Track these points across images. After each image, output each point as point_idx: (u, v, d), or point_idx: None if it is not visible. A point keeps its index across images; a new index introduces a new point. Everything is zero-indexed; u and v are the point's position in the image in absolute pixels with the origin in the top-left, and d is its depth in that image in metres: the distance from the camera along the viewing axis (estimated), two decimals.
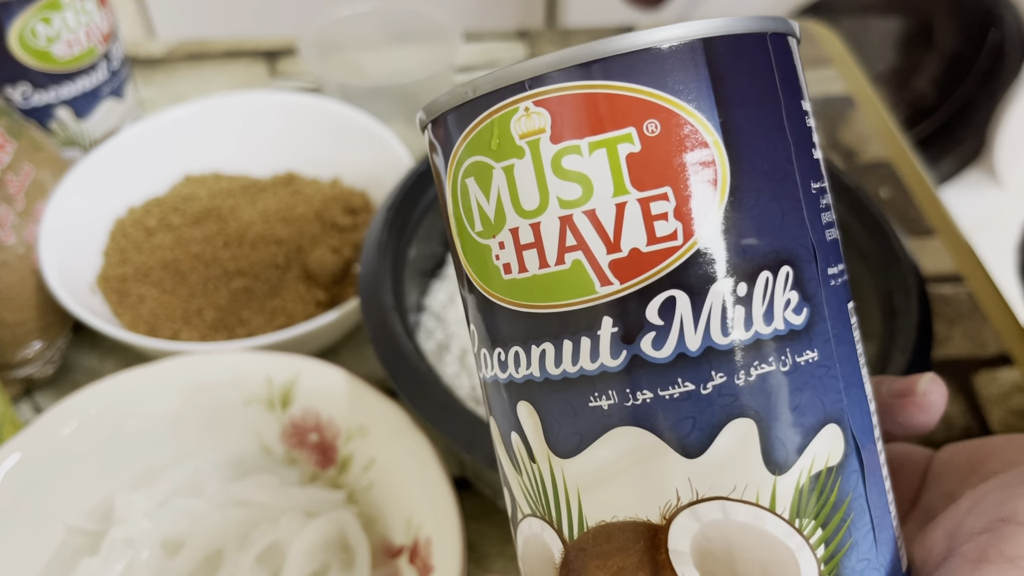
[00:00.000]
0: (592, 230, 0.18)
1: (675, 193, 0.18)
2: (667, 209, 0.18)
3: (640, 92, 0.17)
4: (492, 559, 0.42)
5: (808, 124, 0.19)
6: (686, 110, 0.17)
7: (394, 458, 0.39)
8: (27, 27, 0.50)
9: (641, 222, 0.18)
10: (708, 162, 0.18)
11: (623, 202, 0.18)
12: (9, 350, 0.47)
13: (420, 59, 0.62)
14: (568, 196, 0.18)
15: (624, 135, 0.17)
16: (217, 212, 0.54)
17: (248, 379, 0.41)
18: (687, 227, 0.18)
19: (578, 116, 0.18)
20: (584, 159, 0.18)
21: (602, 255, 0.18)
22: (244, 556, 0.38)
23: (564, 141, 0.18)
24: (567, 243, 0.18)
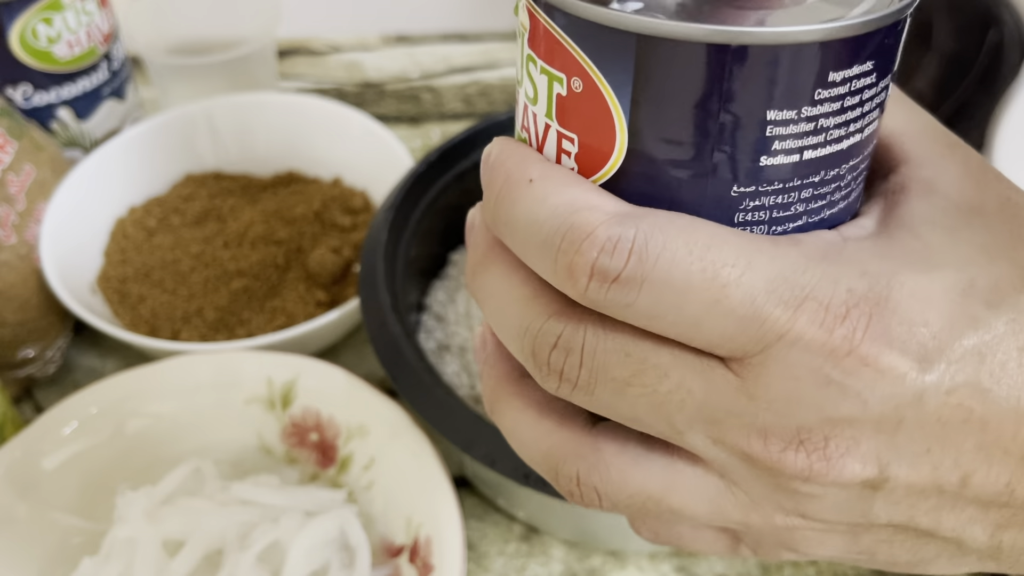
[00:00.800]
0: (533, 126, 0.21)
1: (579, 142, 0.20)
2: (571, 150, 0.20)
3: (576, 53, 0.19)
4: (492, 559, 0.42)
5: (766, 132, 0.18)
6: (604, 86, 0.19)
7: (394, 458, 0.39)
8: (28, 27, 0.50)
9: (555, 148, 0.21)
10: (608, 136, 0.19)
11: (548, 124, 0.20)
12: (10, 349, 0.47)
13: (243, 33, 0.62)
14: (528, 90, 0.21)
15: (559, 77, 0.20)
16: (217, 212, 0.54)
17: (248, 379, 0.41)
18: (580, 171, 0.20)
19: (539, 38, 0.20)
20: (537, 73, 0.20)
21: (535, 146, 0.21)
22: (244, 555, 0.38)
23: (531, 50, 0.20)
24: (524, 123, 0.22)
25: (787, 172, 0.19)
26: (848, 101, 0.19)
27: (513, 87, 0.70)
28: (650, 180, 0.20)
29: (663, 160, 0.19)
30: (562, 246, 0.19)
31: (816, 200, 0.20)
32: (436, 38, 0.75)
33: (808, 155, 0.19)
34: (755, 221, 0.20)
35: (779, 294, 0.18)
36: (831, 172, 0.20)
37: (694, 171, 0.19)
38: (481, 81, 0.71)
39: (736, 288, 0.18)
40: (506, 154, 0.21)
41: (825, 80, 0.18)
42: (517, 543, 0.43)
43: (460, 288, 0.47)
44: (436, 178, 0.47)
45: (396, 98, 0.69)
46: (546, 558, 0.42)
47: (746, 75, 0.18)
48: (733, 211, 0.19)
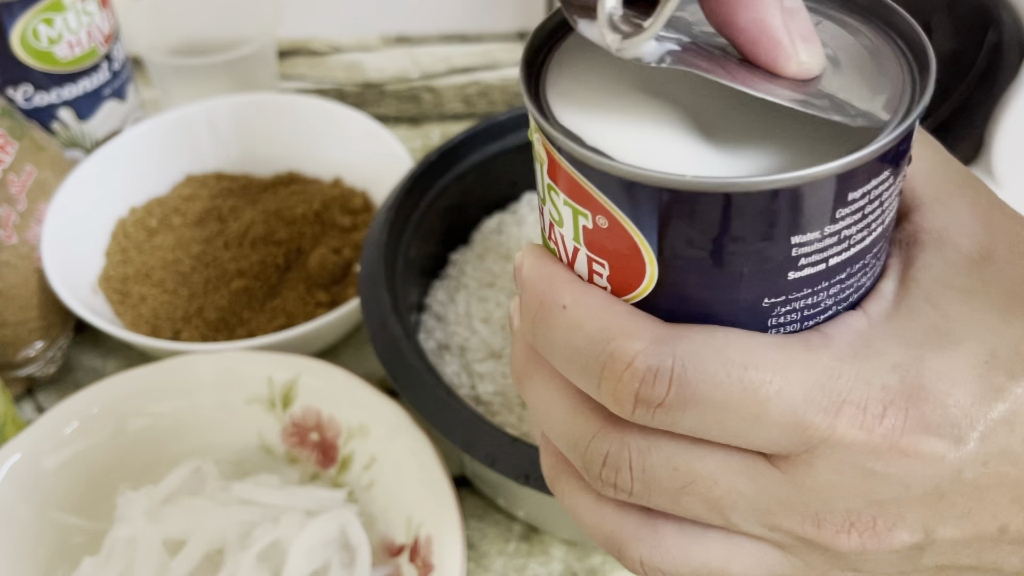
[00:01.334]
0: (561, 244, 0.22)
1: (610, 268, 0.21)
2: (603, 273, 0.21)
3: (599, 197, 0.19)
4: (492, 558, 0.42)
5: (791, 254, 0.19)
6: (630, 226, 0.19)
7: (394, 457, 0.39)
8: (29, 28, 0.50)
9: (586, 268, 0.21)
10: (638, 266, 0.20)
11: (577, 248, 0.21)
12: (11, 349, 0.47)
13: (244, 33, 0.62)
14: (553, 213, 0.21)
15: (583, 213, 0.20)
16: (218, 212, 0.54)
17: (249, 379, 0.41)
18: (613, 291, 0.21)
19: (558, 175, 0.20)
20: (559, 203, 0.21)
21: (565, 262, 0.22)
22: (245, 555, 0.38)
23: (551, 181, 0.21)
24: (551, 236, 0.22)
25: (815, 279, 0.20)
26: (868, 208, 0.19)
27: (513, 88, 0.70)
28: (682, 299, 0.20)
29: (693, 285, 0.20)
30: (603, 375, 0.20)
31: (845, 291, 0.20)
32: (436, 38, 0.75)
33: (834, 261, 0.20)
34: (787, 322, 0.20)
35: (817, 402, 0.19)
36: (857, 265, 0.20)
37: (725, 291, 0.20)
38: (481, 81, 0.71)
39: (776, 402, 0.19)
40: (537, 273, 0.22)
41: (844, 200, 0.19)
42: (517, 543, 0.43)
43: (460, 288, 0.47)
44: (436, 178, 0.47)
45: (396, 98, 0.69)
46: (546, 558, 0.42)
47: (769, 213, 0.18)
48: (766, 318, 0.20)
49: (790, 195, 0.18)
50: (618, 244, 0.20)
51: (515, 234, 0.49)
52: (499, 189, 0.51)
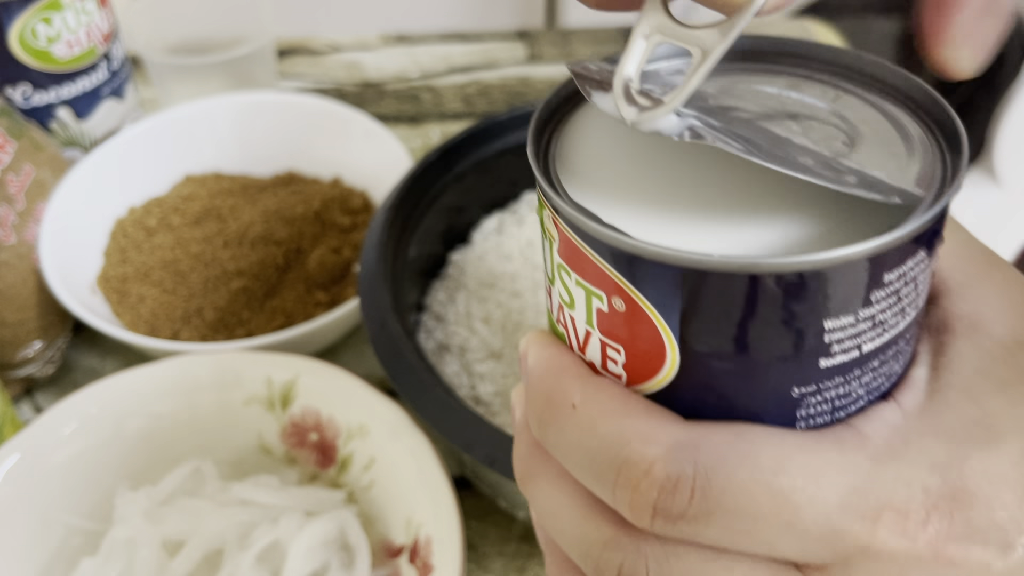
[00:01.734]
0: (571, 327, 0.20)
1: (626, 354, 0.19)
2: (618, 359, 0.20)
3: (616, 277, 0.18)
4: (492, 559, 0.42)
5: (824, 340, 0.18)
6: (650, 309, 0.18)
7: (394, 458, 0.39)
8: (28, 27, 0.50)
9: (599, 353, 0.20)
10: (658, 352, 0.19)
11: (589, 332, 0.20)
12: (10, 350, 0.47)
13: (243, 32, 0.62)
14: (563, 294, 0.20)
15: (597, 295, 0.19)
16: (217, 212, 0.54)
17: (248, 379, 0.41)
18: (630, 379, 0.20)
19: (571, 254, 0.19)
20: (571, 284, 0.20)
21: (575, 347, 0.21)
22: (244, 556, 0.38)
23: (562, 260, 0.20)
24: (560, 319, 0.21)
25: (848, 367, 0.19)
26: (904, 290, 0.18)
27: (513, 87, 0.70)
28: (706, 389, 0.19)
29: (718, 373, 0.19)
30: (618, 482, 0.18)
31: (877, 379, 0.19)
32: (436, 38, 0.75)
33: (867, 347, 0.19)
34: (817, 414, 0.19)
35: (855, 508, 0.18)
36: (890, 351, 0.19)
37: (752, 380, 0.19)
38: (481, 81, 0.71)
39: (809, 509, 0.17)
40: (544, 366, 0.20)
41: (880, 282, 0.18)
42: (517, 543, 0.42)
43: (460, 288, 0.47)
44: (436, 178, 0.47)
45: (396, 98, 0.69)
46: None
47: (802, 295, 0.17)
48: (794, 410, 0.19)
49: (824, 276, 0.17)
50: (636, 328, 0.19)
51: (515, 234, 0.49)
52: (499, 189, 0.51)
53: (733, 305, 0.18)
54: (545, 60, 0.73)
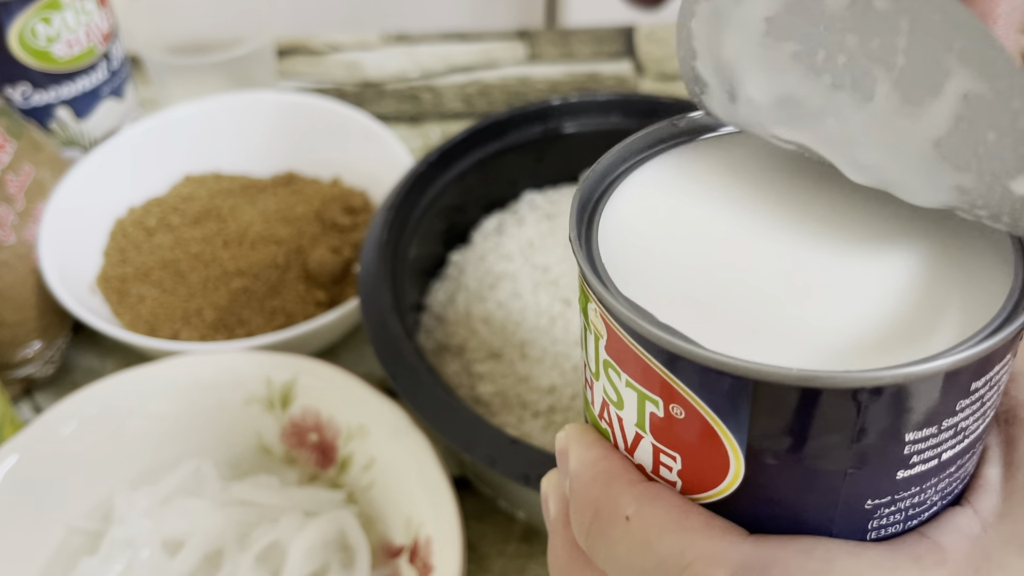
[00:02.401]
0: (618, 428, 0.19)
1: (683, 461, 0.18)
2: (673, 466, 0.18)
3: (677, 385, 0.17)
4: (492, 559, 0.42)
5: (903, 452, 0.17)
6: (714, 420, 0.17)
7: (394, 458, 0.39)
8: (27, 27, 0.50)
9: (650, 458, 0.18)
10: (719, 463, 0.17)
11: (640, 435, 0.18)
12: (9, 350, 0.46)
13: (243, 32, 0.62)
14: (609, 392, 0.19)
15: (653, 400, 0.17)
16: (217, 212, 0.54)
17: (248, 379, 0.41)
18: (686, 487, 0.18)
19: (623, 354, 0.18)
20: (620, 383, 0.18)
21: (621, 447, 0.19)
22: (244, 556, 0.38)
23: (611, 358, 0.18)
24: (604, 416, 0.19)
25: (925, 476, 0.18)
26: (987, 395, 0.17)
27: (513, 87, 0.70)
28: (771, 502, 0.18)
29: (786, 486, 0.17)
30: None
31: (952, 483, 0.18)
32: (436, 37, 0.75)
33: (947, 456, 0.18)
34: (889, 524, 0.18)
35: None
36: (968, 455, 0.18)
37: (823, 494, 0.17)
38: (481, 81, 0.71)
39: None
40: (592, 472, 0.18)
41: (968, 390, 0.17)
42: (517, 543, 0.42)
43: (460, 288, 0.47)
44: (436, 178, 0.47)
45: (396, 98, 0.69)
46: (546, 558, 0.42)
47: (884, 410, 0.16)
48: (867, 521, 0.18)
49: (912, 390, 0.16)
50: (696, 437, 0.17)
51: (515, 234, 0.49)
52: (499, 189, 0.51)
53: (812, 420, 0.16)
54: (545, 60, 0.73)
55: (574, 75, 0.71)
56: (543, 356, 0.43)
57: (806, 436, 0.16)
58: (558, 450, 0.20)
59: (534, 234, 0.49)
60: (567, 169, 0.51)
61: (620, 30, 0.75)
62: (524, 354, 0.44)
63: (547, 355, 0.43)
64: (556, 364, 0.43)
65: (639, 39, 0.74)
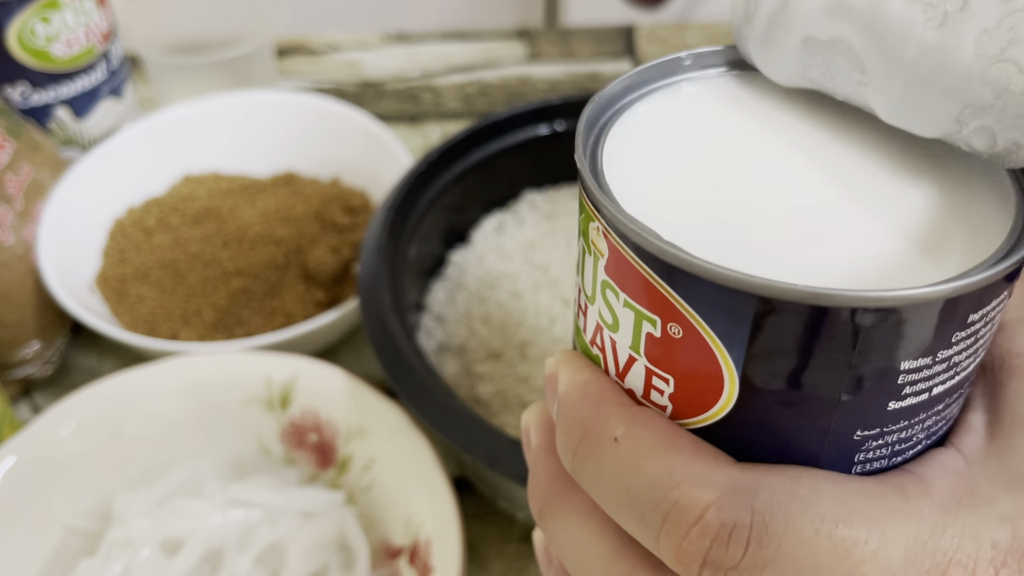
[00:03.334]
0: (611, 351, 0.19)
1: (675, 384, 0.18)
2: (664, 389, 0.18)
3: (676, 302, 0.17)
4: (492, 559, 0.42)
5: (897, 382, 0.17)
6: (712, 338, 0.17)
7: (394, 458, 0.39)
8: (26, 26, 0.50)
9: (642, 381, 0.18)
10: (714, 385, 0.17)
11: (634, 358, 0.18)
12: (8, 350, 0.46)
13: (242, 31, 0.62)
14: (604, 315, 0.19)
15: (650, 319, 0.17)
16: (216, 212, 0.54)
17: (247, 379, 0.41)
18: (676, 412, 0.18)
19: (622, 272, 0.18)
20: (618, 304, 0.18)
21: (612, 373, 0.19)
22: (243, 556, 0.37)
23: (608, 278, 0.18)
24: (596, 340, 0.19)
25: (915, 410, 0.18)
26: (982, 331, 0.17)
27: (513, 87, 0.70)
28: (761, 428, 0.18)
29: (779, 412, 0.17)
30: (665, 528, 0.17)
31: (938, 423, 0.19)
32: (435, 37, 0.75)
33: (937, 390, 0.18)
34: (876, 458, 0.18)
35: (919, 563, 0.16)
36: (955, 395, 0.18)
37: (814, 420, 0.17)
38: (481, 80, 0.71)
39: (872, 565, 0.16)
40: (581, 393, 0.18)
41: (964, 323, 0.17)
42: (517, 544, 0.42)
43: (460, 288, 0.47)
44: (436, 178, 0.47)
45: (395, 97, 0.69)
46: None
47: (883, 334, 0.16)
48: (854, 453, 0.18)
49: (914, 314, 0.16)
50: (692, 358, 0.17)
51: (515, 234, 0.49)
52: (499, 189, 0.51)
53: (810, 340, 0.16)
54: (545, 59, 0.73)
55: (574, 75, 0.71)
56: (543, 356, 0.43)
57: (804, 357, 0.16)
58: (547, 376, 0.20)
59: (534, 234, 0.49)
60: (567, 169, 0.51)
61: (620, 30, 0.75)
62: (524, 354, 0.44)
63: (547, 355, 0.43)
64: None
65: (639, 39, 0.74)
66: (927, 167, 0.19)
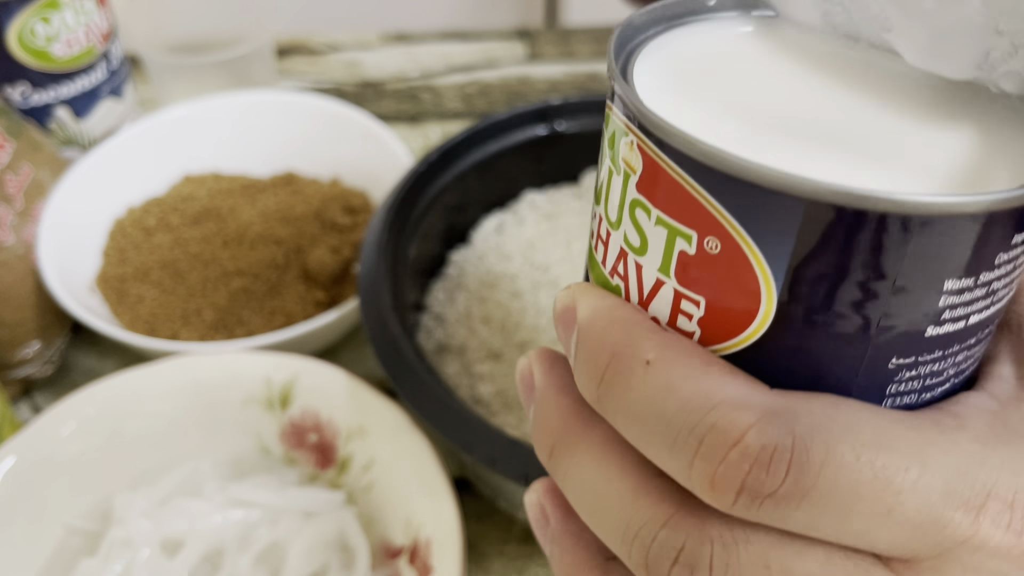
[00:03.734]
0: (635, 278, 0.18)
1: (706, 307, 0.17)
2: (694, 313, 0.17)
3: (717, 212, 0.16)
4: (492, 559, 0.42)
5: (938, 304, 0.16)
6: (753, 251, 0.16)
7: (394, 458, 0.39)
8: (26, 26, 0.50)
9: (669, 306, 0.18)
10: (750, 304, 0.17)
11: (662, 281, 0.17)
12: (8, 350, 0.46)
13: (242, 31, 0.62)
14: (631, 238, 0.18)
15: (686, 234, 0.17)
16: (216, 212, 0.54)
17: (247, 379, 0.41)
18: (704, 338, 0.17)
19: (657, 185, 0.17)
20: (649, 223, 0.17)
21: (635, 302, 0.18)
22: (243, 556, 0.37)
23: (640, 195, 0.17)
24: (619, 269, 0.19)
25: (950, 340, 0.17)
26: (1021, 259, 0.17)
27: (513, 87, 0.70)
28: (795, 352, 0.17)
29: (817, 334, 0.17)
30: (700, 451, 0.16)
31: (966, 361, 0.18)
32: (436, 37, 0.75)
33: (973, 319, 0.17)
34: (907, 391, 0.18)
35: (959, 495, 0.16)
36: (985, 331, 0.18)
37: (852, 345, 0.17)
38: (481, 80, 0.71)
39: (912, 494, 0.16)
40: (608, 318, 0.18)
41: (1008, 243, 0.16)
42: (517, 544, 0.42)
43: (460, 288, 0.47)
44: (436, 178, 0.47)
45: (395, 97, 0.69)
46: (546, 559, 0.42)
47: (931, 244, 0.16)
48: (887, 383, 0.17)
49: (961, 224, 0.15)
50: (728, 275, 0.16)
51: (515, 234, 0.49)
52: (499, 189, 0.51)
53: (857, 250, 0.15)
54: (545, 59, 0.73)
55: (574, 75, 0.71)
56: None
57: (849, 269, 0.16)
58: (562, 308, 0.19)
59: (534, 234, 0.49)
60: (567, 169, 0.51)
61: None
62: (524, 354, 0.44)
63: None
64: None
65: None
66: (963, 108, 0.19)
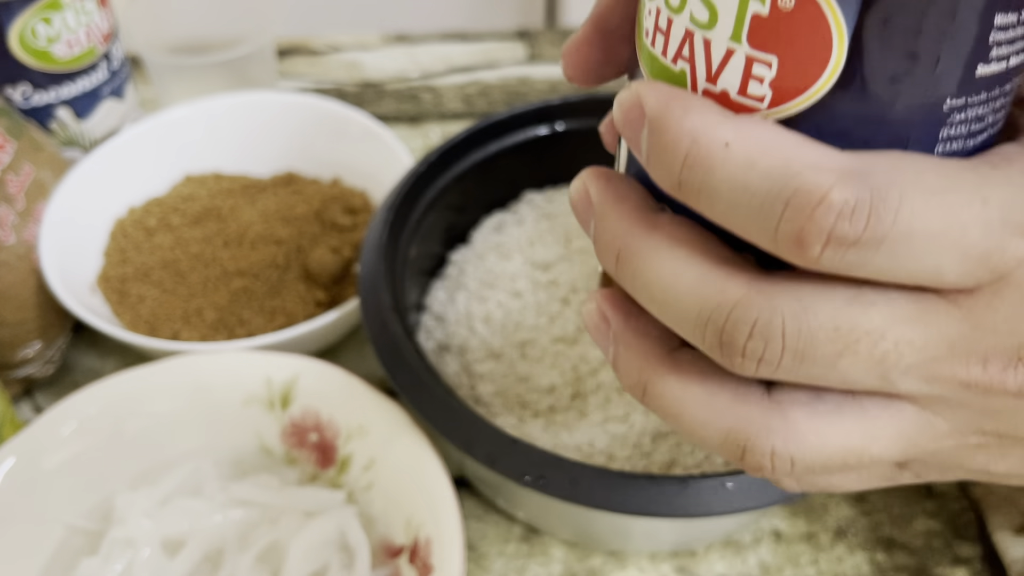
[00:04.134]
0: (703, 55, 0.19)
1: (778, 67, 0.18)
2: (765, 75, 0.18)
3: None
4: (492, 559, 0.42)
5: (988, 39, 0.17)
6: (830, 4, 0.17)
7: (394, 458, 0.39)
8: (27, 27, 0.50)
9: (740, 73, 0.18)
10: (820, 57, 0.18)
11: (733, 49, 0.18)
12: (9, 350, 0.47)
13: (243, 32, 0.62)
14: (698, 15, 0.19)
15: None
16: (217, 212, 0.54)
17: (248, 379, 0.41)
18: (774, 100, 0.18)
19: None
20: None
21: (701, 80, 0.19)
22: (244, 556, 0.38)
23: None
24: (683, 52, 0.19)
25: (994, 81, 0.18)
26: None
27: (513, 87, 0.70)
28: (859, 102, 0.18)
29: (882, 79, 0.18)
30: (786, 214, 0.17)
31: (1001, 109, 0.19)
32: (436, 37, 0.75)
33: (1013, 61, 0.18)
34: (955, 136, 0.19)
35: (1015, 221, 0.18)
36: (1014, 80, 0.19)
37: (913, 87, 0.18)
38: (481, 81, 0.71)
39: (976, 226, 0.18)
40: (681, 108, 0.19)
41: None
42: (517, 543, 0.42)
43: (460, 288, 0.47)
44: (436, 178, 0.47)
45: (396, 98, 0.69)
46: (546, 558, 0.42)
47: None
48: (939, 127, 0.19)
49: None
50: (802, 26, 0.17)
51: (515, 234, 0.49)
52: (499, 189, 0.51)
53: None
54: (545, 60, 0.73)
55: None
56: (543, 356, 0.43)
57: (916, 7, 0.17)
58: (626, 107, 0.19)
59: (534, 234, 0.49)
60: (567, 169, 0.51)
61: None
62: (524, 354, 0.44)
63: (547, 355, 0.43)
64: (556, 364, 0.43)
65: None
66: None
